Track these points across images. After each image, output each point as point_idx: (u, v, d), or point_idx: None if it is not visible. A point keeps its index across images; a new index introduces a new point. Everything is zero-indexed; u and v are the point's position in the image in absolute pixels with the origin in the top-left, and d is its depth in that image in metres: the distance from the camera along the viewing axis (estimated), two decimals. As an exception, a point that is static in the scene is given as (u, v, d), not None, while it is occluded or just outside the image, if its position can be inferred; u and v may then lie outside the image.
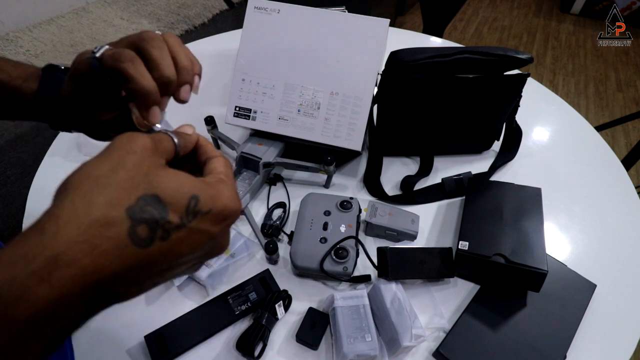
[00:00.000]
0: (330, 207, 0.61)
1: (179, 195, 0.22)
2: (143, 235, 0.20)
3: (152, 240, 0.20)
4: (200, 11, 1.53)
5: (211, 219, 0.23)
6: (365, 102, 0.65)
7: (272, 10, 0.66)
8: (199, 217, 0.22)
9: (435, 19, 1.77)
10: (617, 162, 0.77)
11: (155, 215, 0.20)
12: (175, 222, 0.21)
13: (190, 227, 0.22)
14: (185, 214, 0.22)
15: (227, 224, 0.25)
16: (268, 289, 0.55)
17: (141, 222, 0.20)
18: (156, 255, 0.21)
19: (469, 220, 0.59)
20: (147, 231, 0.20)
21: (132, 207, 0.20)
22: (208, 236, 0.23)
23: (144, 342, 0.49)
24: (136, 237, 0.20)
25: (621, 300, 0.57)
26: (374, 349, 0.47)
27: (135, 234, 0.20)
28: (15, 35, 1.28)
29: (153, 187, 0.21)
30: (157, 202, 0.21)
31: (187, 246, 0.22)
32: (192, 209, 0.22)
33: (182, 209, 0.21)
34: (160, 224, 0.21)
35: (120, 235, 0.19)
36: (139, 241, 0.20)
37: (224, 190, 0.24)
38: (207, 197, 0.23)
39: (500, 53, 0.62)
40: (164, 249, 0.21)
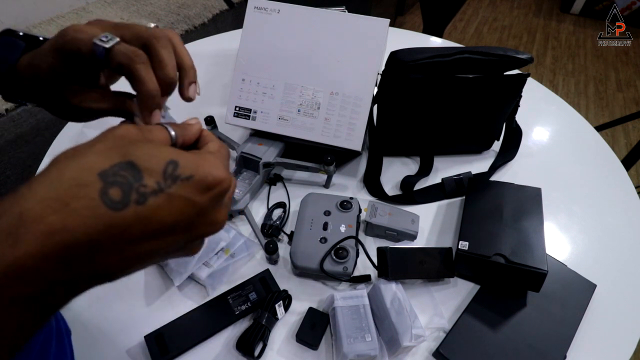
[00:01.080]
0: (330, 207, 0.61)
1: (156, 159, 0.21)
2: (116, 198, 0.19)
3: (127, 204, 0.19)
4: (200, 11, 1.53)
5: (194, 185, 0.22)
6: (365, 102, 0.65)
7: (272, 10, 0.66)
8: (178, 182, 0.21)
9: (435, 19, 1.77)
10: (617, 162, 0.77)
11: (129, 179, 0.20)
12: (151, 186, 0.20)
13: (169, 192, 0.21)
14: (163, 179, 0.21)
15: (215, 194, 0.23)
16: (268, 289, 0.55)
17: (113, 184, 0.19)
18: (133, 219, 0.20)
19: (469, 220, 0.59)
20: (120, 194, 0.19)
21: (105, 171, 0.19)
22: (192, 205, 0.22)
23: (144, 342, 0.49)
24: (108, 199, 0.19)
25: (621, 300, 0.57)
26: (374, 349, 0.47)
27: (106, 195, 0.19)
28: (15, 35, 1.28)
29: (129, 155, 0.20)
30: (132, 167, 0.20)
31: (168, 213, 0.21)
32: (170, 173, 0.21)
33: (158, 173, 0.21)
34: (134, 187, 0.20)
35: (90, 195, 0.19)
36: (111, 203, 0.19)
37: (209, 158, 0.23)
38: (187, 162, 0.22)
39: (500, 53, 0.62)
40: (142, 213, 0.20)
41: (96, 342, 0.50)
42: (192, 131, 0.27)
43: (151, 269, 0.57)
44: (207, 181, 0.22)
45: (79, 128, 0.74)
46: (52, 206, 0.18)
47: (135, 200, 0.20)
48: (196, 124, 0.28)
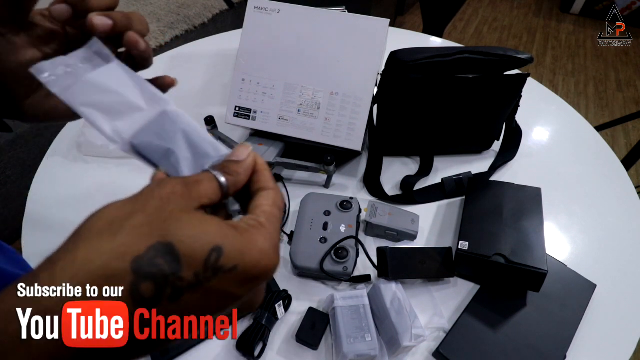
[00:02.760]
0: (330, 207, 0.61)
1: (198, 245, 0.18)
2: (147, 294, 0.17)
3: (159, 301, 0.17)
4: (200, 11, 1.53)
5: (236, 278, 0.18)
6: (365, 102, 0.65)
7: (272, 10, 0.66)
8: (219, 274, 0.18)
9: (435, 19, 1.77)
10: (617, 162, 0.77)
11: (165, 270, 0.17)
12: (188, 280, 0.17)
13: (207, 286, 0.18)
14: (203, 270, 0.17)
15: (255, 285, 0.19)
16: (268, 289, 0.55)
17: (147, 278, 0.17)
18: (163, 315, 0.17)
19: (469, 220, 0.59)
20: (152, 289, 0.17)
21: (139, 257, 0.17)
22: (231, 299, 0.19)
23: (144, 342, 0.49)
24: (138, 295, 0.16)
25: (621, 300, 0.57)
26: (374, 349, 0.47)
27: (137, 292, 0.16)
28: (15, 35, 1.28)
29: (170, 235, 0.17)
30: (170, 253, 0.17)
31: (200, 305, 0.18)
32: (212, 264, 0.18)
33: (199, 262, 0.17)
34: (169, 280, 0.17)
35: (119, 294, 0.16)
36: (141, 301, 0.16)
37: (258, 240, 0.19)
38: (233, 249, 0.18)
39: (500, 53, 0.62)
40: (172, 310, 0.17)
41: (96, 342, 0.50)
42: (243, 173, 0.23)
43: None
44: (252, 274, 0.19)
45: (79, 128, 0.74)
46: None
47: (168, 296, 0.17)
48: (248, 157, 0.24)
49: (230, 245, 0.18)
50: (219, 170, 0.22)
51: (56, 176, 0.69)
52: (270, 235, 0.20)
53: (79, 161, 0.71)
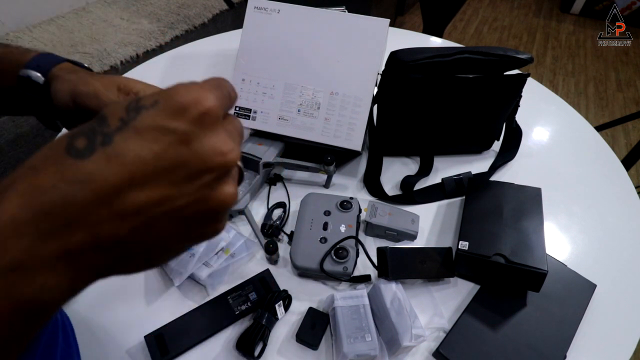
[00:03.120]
0: (330, 207, 0.61)
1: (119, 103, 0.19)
2: (81, 146, 0.17)
3: (93, 149, 0.17)
4: (200, 11, 1.53)
5: (161, 110, 0.18)
6: (365, 102, 0.65)
7: (272, 10, 0.66)
8: (142, 111, 0.18)
9: (435, 19, 1.77)
10: (617, 162, 0.77)
11: (94, 126, 0.18)
12: (114, 124, 0.18)
13: (134, 124, 0.18)
14: (126, 114, 0.18)
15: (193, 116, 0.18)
16: (268, 289, 0.55)
17: (78, 135, 0.18)
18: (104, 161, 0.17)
19: (469, 220, 0.59)
20: (85, 141, 0.17)
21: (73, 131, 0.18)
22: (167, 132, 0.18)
23: (144, 342, 0.49)
24: (73, 150, 0.17)
25: (621, 300, 0.57)
26: (374, 349, 0.47)
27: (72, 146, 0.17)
28: (15, 35, 1.28)
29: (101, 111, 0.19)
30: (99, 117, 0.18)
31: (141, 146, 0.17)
32: (133, 107, 0.18)
33: (122, 111, 0.18)
34: (97, 131, 0.18)
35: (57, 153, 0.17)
36: (76, 153, 0.17)
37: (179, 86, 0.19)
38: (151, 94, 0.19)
39: (500, 53, 0.62)
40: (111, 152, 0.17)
41: (96, 342, 0.50)
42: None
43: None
44: (175, 102, 0.18)
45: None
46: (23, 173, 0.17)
47: (101, 142, 0.17)
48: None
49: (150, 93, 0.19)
50: None
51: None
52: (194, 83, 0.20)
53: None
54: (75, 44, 1.28)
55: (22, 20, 1.35)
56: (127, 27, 1.39)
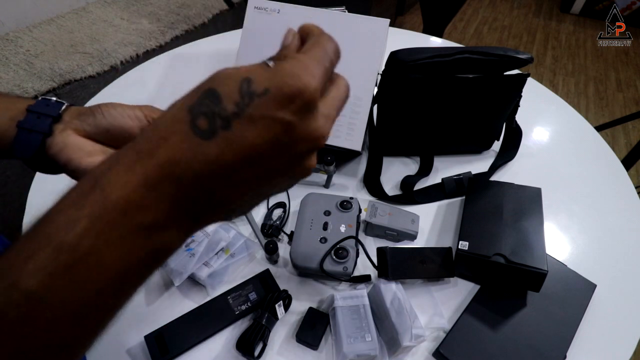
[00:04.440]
0: (330, 207, 0.61)
1: (231, 81, 0.21)
2: (203, 127, 0.20)
3: (215, 131, 0.20)
4: (200, 11, 1.53)
5: (271, 100, 0.20)
6: (365, 102, 0.65)
7: (272, 10, 0.66)
8: (255, 99, 0.20)
9: (435, 19, 1.77)
10: (617, 162, 0.77)
11: (211, 106, 0.20)
12: (230, 109, 0.20)
13: (249, 112, 0.20)
14: (241, 99, 0.20)
15: (298, 106, 0.21)
16: (268, 289, 0.55)
17: (199, 115, 0.20)
18: (225, 144, 0.20)
19: (469, 220, 0.59)
20: (206, 122, 0.20)
21: (192, 104, 0.21)
22: (277, 122, 0.21)
23: (144, 342, 0.49)
24: (197, 129, 0.20)
25: (621, 300, 0.57)
26: (374, 349, 0.47)
27: (195, 126, 0.20)
28: (15, 35, 1.28)
29: (211, 83, 0.21)
30: (213, 94, 0.21)
31: (255, 135, 0.20)
32: (245, 91, 0.20)
33: (235, 94, 0.20)
34: (216, 112, 0.20)
35: (183, 129, 0.20)
36: (200, 132, 0.20)
37: (287, 66, 0.21)
38: (261, 77, 0.21)
39: (500, 53, 0.62)
40: (231, 138, 0.20)
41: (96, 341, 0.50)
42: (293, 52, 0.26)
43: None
44: (284, 92, 0.21)
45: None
46: (157, 144, 0.20)
47: (221, 125, 0.20)
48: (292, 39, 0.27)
49: (258, 75, 0.21)
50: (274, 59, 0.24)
51: (56, 176, 0.69)
52: (300, 61, 0.22)
53: (79, 161, 0.71)
54: (75, 44, 1.28)
55: (22, 20, 1.35)
56: (127, 27, 1.39)
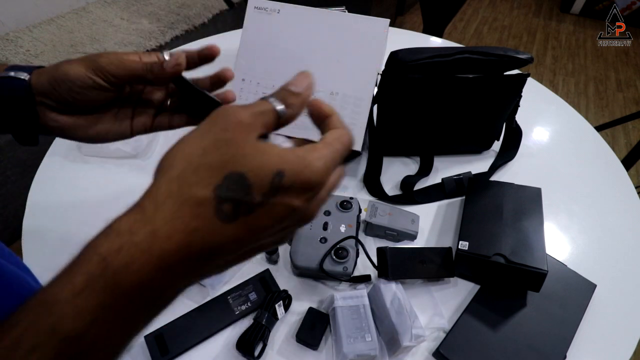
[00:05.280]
0: (330, 207, 0.61)
1: (264, 173, 0.22)
2: (228, 212, 0.21)
3: (237, 216, 0.21)
4: (200, 11, 1.53)
5: (292, 192, 0.23)
6: (365, 102, 0.65)
7: (272, 10, 0.66)
8: (280, 192, 0.22)
9: (435, 19, 1.77)
10: (617, 162, 0.77)
11: (240, 195, 0.21)
12: (258, 200, 0.22)
13: (272, 202, 0.22)
14: (270, 190, 0.22)
15: (309, 197, 0.24)
16: (268, 289, 0.55)
17: (226, 200, 0.21)
18: (242, 227, 0.22)
19: (469, 220, 0.59)
20: (231, 209, 0.21)
21: (219, 186, 0.21)
22: (291, 209, 0.23)
23: (144, 342, 0.49)
24: (222, 214, 0.21)
25: (621, 300, 0.57)
26: (374, 349, 0.47)
27: (221, 211, 0.21)
28: (15, 35, 1.28)
29: (240, 165, 0.22)
30: (242, 181, 0.21)
31: (269, 217, 0.23)
32: (276, 185, 0.22)
33: (266, 187, 0.22)
34: (243, 201, 0.21)
35: (208, 215, 0.21)
36: (224, 217, 0.21)
37: (312, 161, 0.24)
38: (291, 172, 0.22)
39: (500, 53, 0.62)
40: (249, 222, 0.22)
41: None
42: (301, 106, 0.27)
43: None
44: (305, 187, 0.23)
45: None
46: (177, 227, 0.21)
47: (244, 212, 0.22)
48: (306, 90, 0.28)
49: (289, 169, 0.22)
50: (279, 99, 0.26)
51: (56, 176, 0.69)
52: (324, 156, 0.24)
53: (79, 161, 0.71)
54: (75, 44, 1.28)
55: (22, 20, 1.35)
56: (127, 27, 1.39)
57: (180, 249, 0.21)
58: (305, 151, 0.24)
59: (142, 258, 0.20)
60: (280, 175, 0.22)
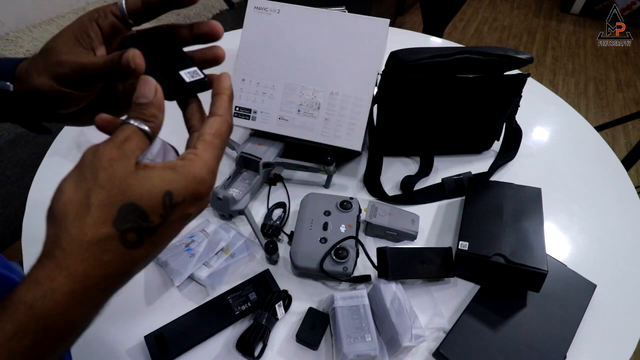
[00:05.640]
0: (330, 207, 0.61)
1: (154, 197, 0.24)
2: (133, 240, 0.23)
3: (143, 240, 0.24)
4: (200, 11, 1.53)
5: (186, 205, 0.25)
6: (365, 102, 0.65)
7: (272, 10, 0.66)
8: (176, 208, 0.25)
9: (435, 19, 1.77)
10: (617, 162, 0.77)
11: (139, 222, 0.23)
12: (157, 222, 0.24)
13: (171, 219, 0.25)
14: (164, 211, 0.24)
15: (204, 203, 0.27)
16: (268, 289, 0.55)
17: (129, 231, 0.23)
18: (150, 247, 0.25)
19: (469, 220, 0.59)
20: (135, 236, 0.23)
21: (116, 220, 0.23)
22: (188, 215, 0.26)
23: (144, 342, 0.49)
24: (128, 243, 0.23)
25: (621, 300, 0.57)
26: (374, 349, 0.47)
27: (126, 241, 0.23)
28: (15, 35, 1.28)
29: (127, 196, 0.23)
30: (136, 209, 0.23)
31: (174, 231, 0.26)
32: (168, 205, 0.24)
33: (159, 208, 0.24)
34: (145, 226, 0.24)
35: (116, 247, 0.23)
36: (131, 245, 0.23)
37: (195, 171, 0.25)
38: (179, 188, 0.25)
39: (500, 53, 0.62)
40: (154, 241, 0.25)
41: (96, 342, 0.50)
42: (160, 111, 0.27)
43: (151, 269, 0.57)
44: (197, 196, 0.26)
45: (79, 129, 0.74)
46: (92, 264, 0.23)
47: (148, 235, 0.24)
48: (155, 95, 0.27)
49: (176, 187, 0.25)
50: (138, 119, 0.26)
51: (56, 176, 0.68)
52: (205, 162, 0.26)
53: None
54: (75, 44, 1.28)
55: (22, 20, 1.35)
56: (127, 27, 1.39)
57: (99, 282, 0.23)
58: (188, 163, 0.26)
59: (65, 299, 0.22)
60: (169, 195, 0.24)
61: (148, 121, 0.26)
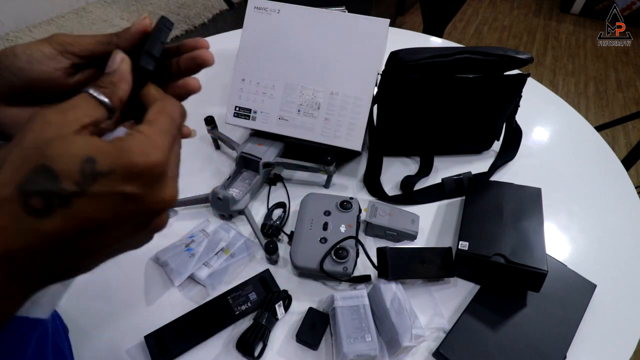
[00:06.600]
0: (330, 207, 0.61)
1: (70, 160, 0.20)
2: (38, 206, 0.20)
3: (51, 209, 0.20)
4: (200, 11, 1.53)
5: (117, 179, 0.21)
6: (365, 102, 0.65)
7: (272, 10, 0.66)
8: (99, 179, 0.20)
9: (435, 19, 1.77)
10: (617, 162, 0.77)
11: (47, 186, 0.20)
12: (70, 189, 0.20)
13: (91, 191, 0.20)
14: (82, 179, 0.20)
15: (146, 181, 0.22)
16: (268, 289, 0.55)
17: (33, 195, 0.20)
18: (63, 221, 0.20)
19: (469, 220, 0.59)
20: (41, 202, 0.20)
21: (22, 182, 0.20)
22: (123, 197, 0.21)
23: (144, 342, 0.49)
24: (31, 210, 0.19)
25: (621, 300, 0.57)
26: (374, 349, 0.47)
27: (28, 206, 0.19)
28: (15, 35, 1.28)
29: (44, 158, 0.20)
30: (47, 172, 0.20)
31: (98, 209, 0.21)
32: (88, 172, 0.20)
33: (75, 174, 0.20)
34: (54, 192, 0.20)
35: (13, 211, 0.19)
36: (35, 212, 0.19)
37: (132, 144, 0.22)
38: (105, 156, 0.21)
39: (500, 53, 0.62)
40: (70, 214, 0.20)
41: (96, 342, 0.50)
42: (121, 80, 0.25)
43: (151, 269, 0.57)
44: (133, 171, 0.21)
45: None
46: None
47: (59, 204, 0.20)
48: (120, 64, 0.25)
49: (102, 154, 0.21)
50: (93, 86, 0.24)
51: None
52: (148, 138, 0.22)
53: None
54: (75, 44, 1.28)
55: (22, 20, 1.35)
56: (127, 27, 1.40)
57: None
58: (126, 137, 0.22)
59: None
60: (90, 161, 0.20)
61: (104, 88, 0.24)
